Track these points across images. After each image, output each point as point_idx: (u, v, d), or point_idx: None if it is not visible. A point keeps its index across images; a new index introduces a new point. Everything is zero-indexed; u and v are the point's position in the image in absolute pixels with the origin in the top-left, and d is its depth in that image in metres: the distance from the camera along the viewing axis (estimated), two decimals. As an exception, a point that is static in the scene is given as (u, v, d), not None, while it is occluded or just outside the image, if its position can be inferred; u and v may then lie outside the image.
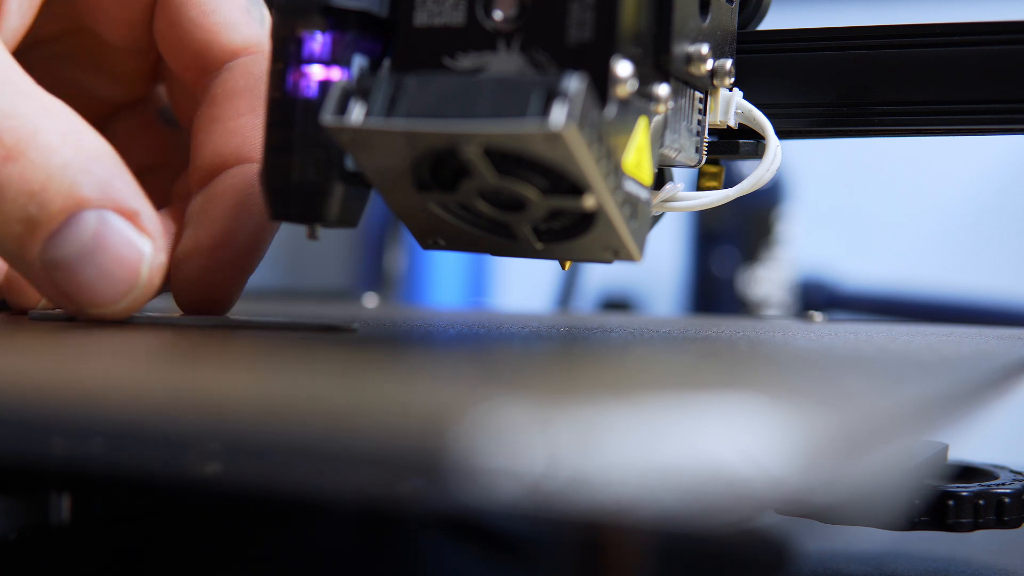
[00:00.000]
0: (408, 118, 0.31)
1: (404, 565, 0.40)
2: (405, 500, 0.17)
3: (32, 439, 0.19)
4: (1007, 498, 0.40)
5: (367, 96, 0.32)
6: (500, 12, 0.33)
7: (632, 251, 0.34)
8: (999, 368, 0.30)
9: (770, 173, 0.39)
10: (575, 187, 0.32)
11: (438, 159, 0.33)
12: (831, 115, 0.41)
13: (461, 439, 0.16)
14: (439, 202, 0.34)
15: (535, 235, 0.35)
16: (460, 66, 0.33)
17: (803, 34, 0.42)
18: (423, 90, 0.31)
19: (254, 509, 0.41)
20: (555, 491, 0.16)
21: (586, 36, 0.32)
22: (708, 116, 0.39)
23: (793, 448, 0.16)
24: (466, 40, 0.34)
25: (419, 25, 0.34)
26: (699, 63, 0.36)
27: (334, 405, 0.18)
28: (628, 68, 0.32)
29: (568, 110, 0.29)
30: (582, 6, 0.32)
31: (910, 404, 0.21)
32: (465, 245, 0.36)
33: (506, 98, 0.30)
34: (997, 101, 0.40)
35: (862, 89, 0.41)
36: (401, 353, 0.33)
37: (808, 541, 0.44)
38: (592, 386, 0.22)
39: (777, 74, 0.41)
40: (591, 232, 0.34)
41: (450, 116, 0.30)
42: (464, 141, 0.31)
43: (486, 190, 0.33)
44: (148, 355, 0.29)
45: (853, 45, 0.41)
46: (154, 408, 0.19)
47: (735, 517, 0.15)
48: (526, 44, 0.33)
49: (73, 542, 0.39)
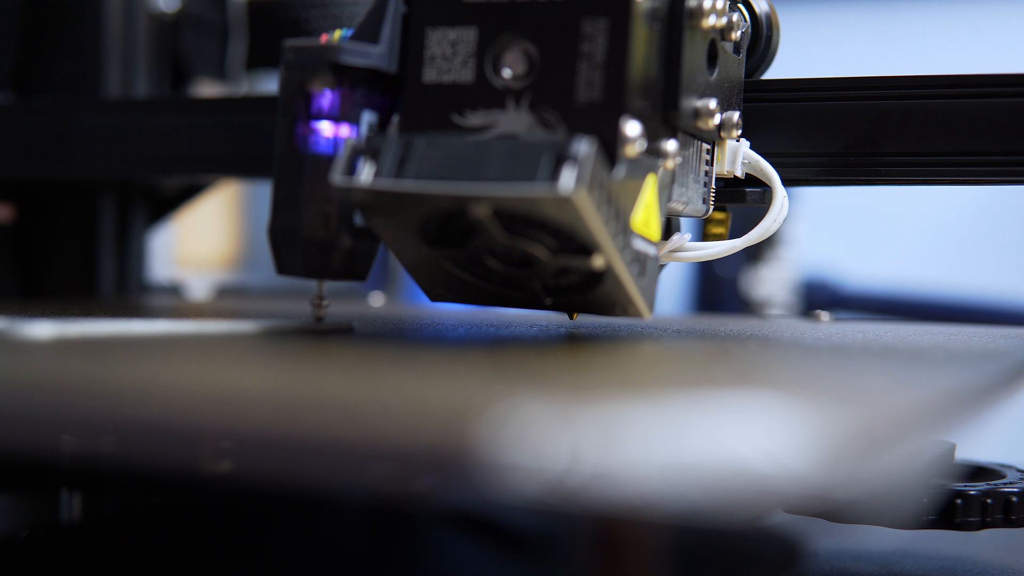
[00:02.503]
0: (418, 180, 0.31)
1: (422, 561, 0.40)
2: (422, 497, 0.17)
3: (42, 437, 0.20)
4: (1015, 497, 0.41)
5: (377, 156, 0.32)
6: (509, 70, 0.33)
7: (641, 308, 0.35)
8: (1010, 367, 0.30)
9: (777, 223, 0.39)
10: (584, 247, 0.32)
11: (447, 217, 0.33)
12: (838, 164, 0.41)
13: (484, 436, 0.16)
14: (448, 257, 0.34)
15: (544, 290, 0.35)
16: (469, 123, 0.34)
17: (810, 84, 0.42)
18: (433, 151, 0.31)
19: (267, 507, 0.41)
20: (577, 487, 0.16)
21: (595, 96, 0.32)
22: (715, 167, 0.39)
23: (813, 445, 0.16)
24: (475, 97, 0.34)
25: (428, 82, 0.34)
26: (707, 117, 0.36)
27: (353, 403, 0.19)
28: (637, 128, 0.32)
29: (578, 174, 0.29)
30: (591, 66, 0.32)
31: (926, 402, 0.21)
32: (473, 298, 0.36)
33: (516, 161, 0.30)
34: (1003, 153, 0.40)
35: (869, 139, 0.41)
36: (415, 352, 0.33)
37: (817, 540, 0.44)
38: (611, 383, 0.22)
39: (784, 124, 0.42)
40: (600, 289, 0.34)
41: (460, 178, 0.30)
42: (474, 203, 0.31)
43: (495, 248, 0.33)
44: (160, 354, 0.29)
45: (860, 95, 0.41)
46: (166, 406, 0.19)
47: (756, 513, 0.16)
48: (535, 102, 0.33)
49: (83, 540, 0.39)
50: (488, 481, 0.16)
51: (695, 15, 0.34)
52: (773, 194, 0.39)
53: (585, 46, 0.32)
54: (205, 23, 0.69)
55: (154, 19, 0.67)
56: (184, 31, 0.68)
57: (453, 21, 0.34)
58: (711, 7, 0.35)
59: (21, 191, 0.66)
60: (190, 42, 0.68)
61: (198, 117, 0.53)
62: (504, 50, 0.33)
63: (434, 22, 0.34)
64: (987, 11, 1.92)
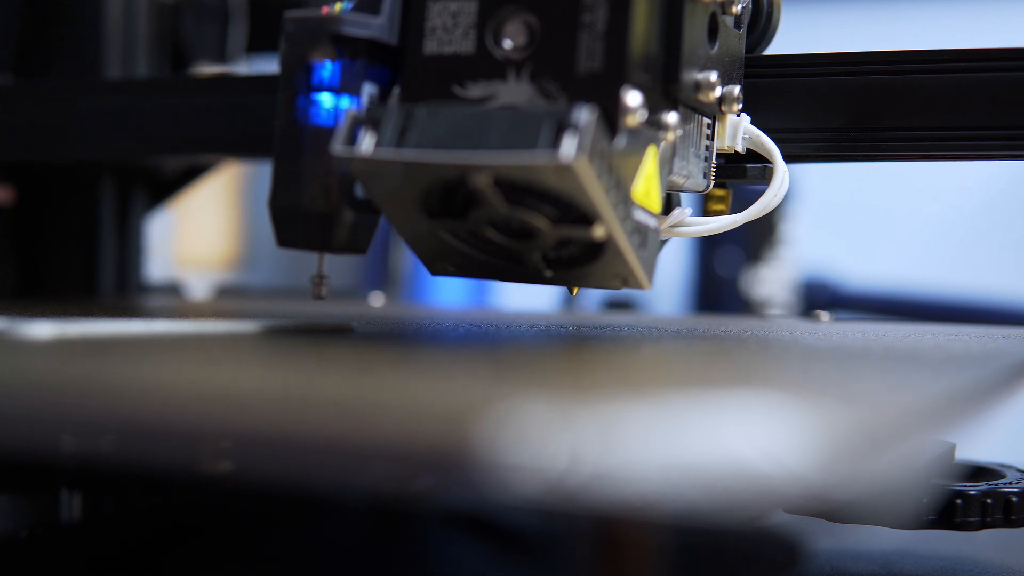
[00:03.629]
0: (418, 149, 0.31)
1: (421, 561, 0.40)
2: (422, 497, 0.17)
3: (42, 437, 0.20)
4: (1015, 497, 0.41)
5: (377, 126, 0.32)
6: (510, 41, 0.33)
7: (641, 279, 0.34)
8: (1010, 367, 0.30)
9: (778, 199, 0.39)
10: (585, 217, 0.32)
11: (448, 188, 0.33)
12: (839, 140, 0.41)
13: (484, 436, 0.16)
14: (449, 229, 0.34)
15: (544, 263, 0.35)
16: (469, 94, 0.33)
17: (811, 59, 0.42)
18: (433, 120, 0.31)
19: (267, 507, 0.41)
20: (577, 487, 0.16)
21: (596, 66, 0.32)
22: (716, 141, 0.39)
23: (813, 445, 0.16)
24: (476, 69, 0.34)
25: (429, 53, 0.34)
26: (708, 90, 0.36)
27: (354, 403, 0.19)
28: (638, 98, 0.32)
29: (578, 142, 0.29)
30: (592, 36, 0.32)
31: (926, 403, 0.21)
32: (474, 271, 0.36)
33: (516, 130, 0.30)
34: (1004, 127, 0.40)
35: (870, 114, 0.41)
36: (415, 352, 0.33)
37: (817, 540, 0.44)
38: (611, 383, 0.22)
39: (785, 99, 0.42)
40: (600, 260, 0.34)
41: (460, 147, 0.30)
42: (474, 172, 0.31)
43: (496, 219, 0.33)
44: (160, 354, 0.29)
45: (861, 71, 0.41)
46: (166, 406, 0.19)
47: (756, 513, 0.16)
48: (536, 73, 0.33)
49: (83, 540, 0.39)
50: (488, 481, 0.16)
51: (696, -14, 0.34)
52: (774, 170, 0.39)
53: (586, 16, 0.32)
54: (205, 7, 0.69)
55: (154, 3, 0.67)
56: (184, 15, 0.68)
57: None
58: (712, -21, 0.35)
59: (21, 174, 0.66)
60: (190, 26, 0.68)
61: (199, 98, 0.53)
62: (505, 21, 0.33)
63: None
64: (987, 11, 1.92)
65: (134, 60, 0.66)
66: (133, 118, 0.54)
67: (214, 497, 0.41)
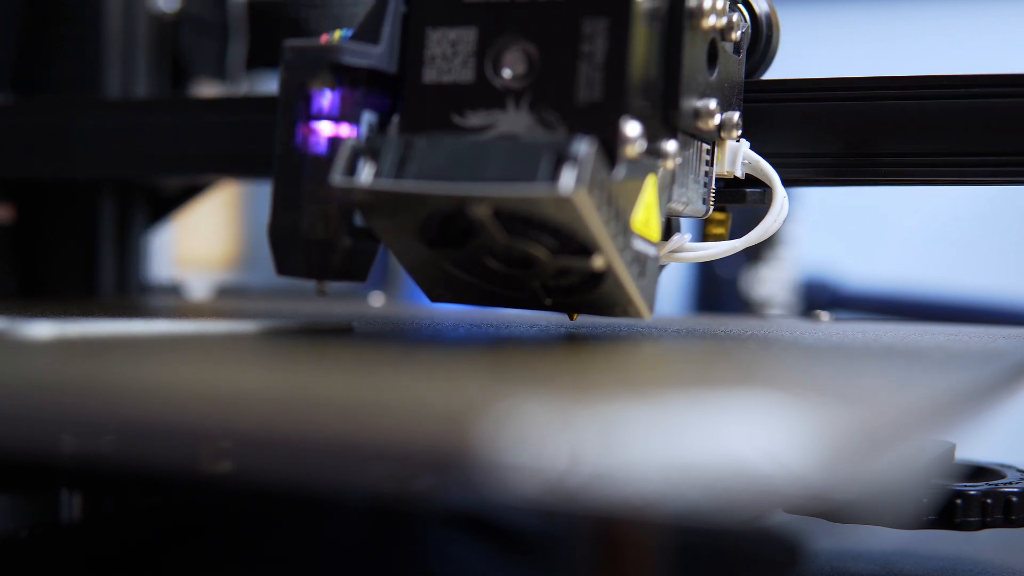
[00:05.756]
0: (418, 180, 0.31)
1: (421, 561, 0.40)
2: (422, 497, 0.17)
3: (42, 437, 0.20)
4: (1015, 497, 0.41)
5: (377, 156, 0.32)
6: (509, 70, 0.33)
7: (641, 309, 0.35)
8: (1010, 367, 0.30)
9: (777, 224, 0.39)
10: (584, 247, 0.32)
11: (447, 217, 0.33)
12: (838, 164, 0.41)
13: (484, 436, 0.16)
14: (448, 258, 0.34)
15: (544, 291, 0.35)
16: (469, 123, 0.33)
17: (810, 84, 0.42)
18: (433, 151, 0.31)
19: (267, 507, 0.41)
20: (577, 487, 0.16)
21: (595, 96, 0.32)
22: (715, 167, 0.39)
23: (813, 445, 0.16)
24: (475, 98, 0.34)
25: (428, 82, 0.34)
26: (707, 118, 0.35)
27: (353, 403, 0.19)
28: (637, 129, 0.32)
29: (578, 174, 0.29)
30: (591, 66, 0.32)
31: (926, 402, 0.21)
32: (473, 299, 0.36)
33: (516, 161, 0.30)
34: (1003, 153, 0.40)
35: (869, 139, 0.41)
36: (415, 352, 0.33)
37: (817, 540, 0.44)
38: (611, 383, 0.22)
39: (784, 124, 0.42)
40: (600, 290, 0.34)
41: (460, 178, 0.30)
42: (474, 203, 0.31)
43: (495, 248, 0.33)
44: (160, 354, 0.29)
45: (860, 96, 0.41)
46: (166, 406, 0.19)
47: (756, 513, 0.16)
48: (535, 102, 0.33)
49: (83, 540, 0.39)
50: (488, 481, 0.16)
51: (695, 15, 0.34)
52: (773, 194, 0.39)
53: (585, 46, 0.32)
54: (205, 23, 0.69)
55: (154, 19, 0.67)
56: (184, 31, 0.68)
57: (453, 21, 0.34)
58: (711, 7, 0.35)
59: (21, 191, 0.66)
60: (190, 42, 0.68)
61: (198, 117, 0.53)
62: (504, 50, 0.33)
63: (434, 22, 0.34)
64: (987, 11, 1.92)
65: (134, 76, 0.66)
66: (132, 136, 0.54)
67: (214, 497, 0.41)
